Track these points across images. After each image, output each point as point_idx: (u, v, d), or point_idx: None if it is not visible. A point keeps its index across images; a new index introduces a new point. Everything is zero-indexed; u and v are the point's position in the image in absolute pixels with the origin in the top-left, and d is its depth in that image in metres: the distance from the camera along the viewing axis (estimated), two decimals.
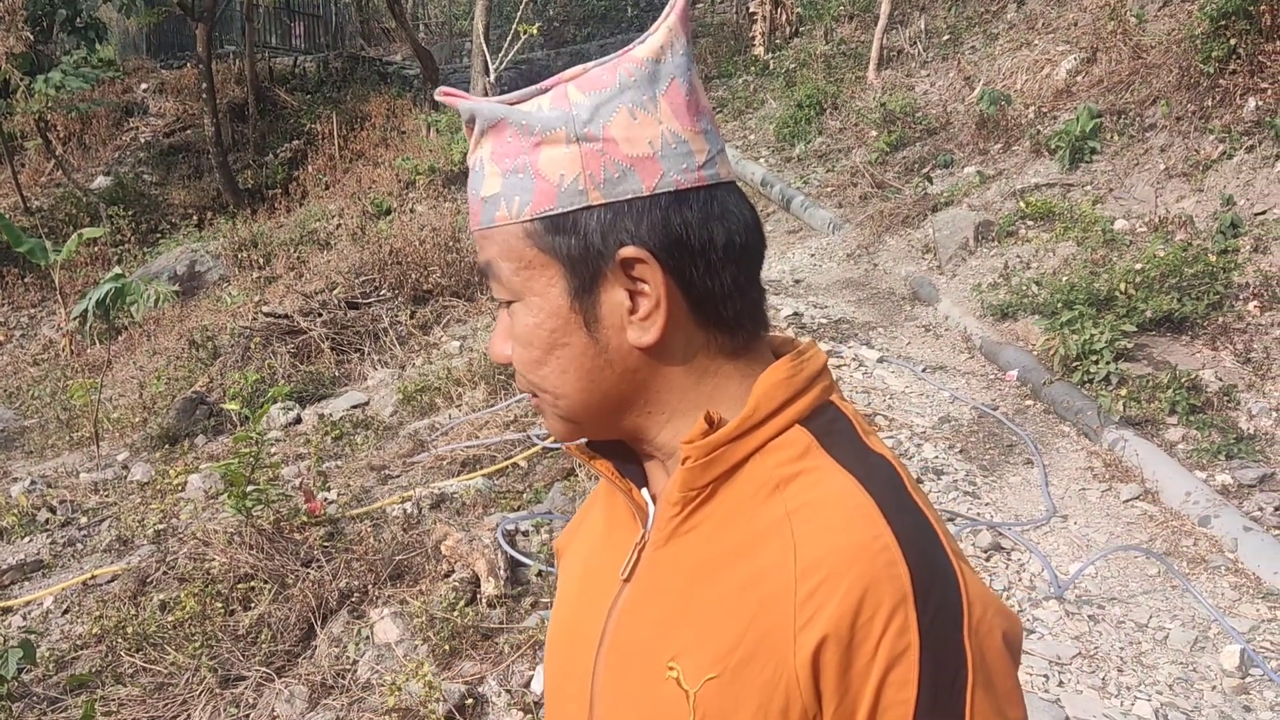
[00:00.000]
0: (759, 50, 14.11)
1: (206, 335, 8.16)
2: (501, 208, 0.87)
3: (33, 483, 6.14)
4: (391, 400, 6.45)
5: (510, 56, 9.78)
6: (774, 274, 8.18)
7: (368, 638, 3.66)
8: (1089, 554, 4.15)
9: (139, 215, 12.81)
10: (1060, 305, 5.83)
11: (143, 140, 15.76)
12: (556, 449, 4.93)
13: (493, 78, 9.90)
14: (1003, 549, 4.18)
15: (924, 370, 5.99)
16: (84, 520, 5.50)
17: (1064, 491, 4.69)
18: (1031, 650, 3.49)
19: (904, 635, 0.76)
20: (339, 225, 10.65)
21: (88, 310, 8.24)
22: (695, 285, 0.86)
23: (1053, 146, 8.05)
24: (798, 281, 7.96)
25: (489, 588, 3.75)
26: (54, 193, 14.01)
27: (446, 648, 3.48)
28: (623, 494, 0.94)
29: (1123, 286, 5.73)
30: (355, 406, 6.56)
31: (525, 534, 4.19)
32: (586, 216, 0.84)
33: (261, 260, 10.34)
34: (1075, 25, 9.58)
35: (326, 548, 4.26)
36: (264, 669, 3.59)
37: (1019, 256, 7.03)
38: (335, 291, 8.06)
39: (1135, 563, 4.12)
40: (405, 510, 4.57)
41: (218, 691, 3.52)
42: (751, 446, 0.86)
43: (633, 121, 0.84)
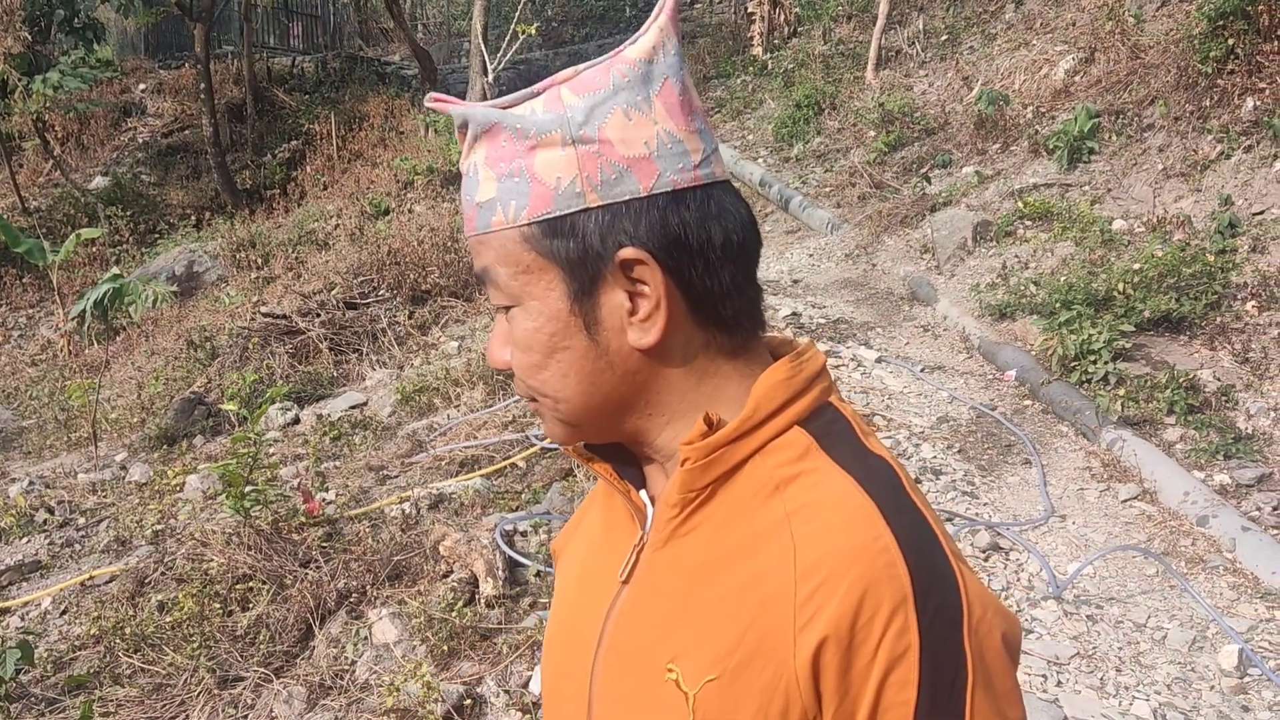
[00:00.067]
0: (757, 50, 14.11)
1: (204, 336, 8.15)
2: (498, 212, 0.86)
3: (31, 483, 6.14)
4: (390, 400, 6.45)
5: (508, 57, 9.77)
6: (772, 274, 8.18)
7: (366, 638, 3.66)
8: (1087, 554, 4.15)
9: (137, 216, 12.79)
10: (1058, 305, 5.84)
11: (141, 140, 15.74)
12: (555, 449, 4.93)
13: (491, 78, 9.89)
14: (1001, 549, 4.18)
15: (922, 370, 6.00)
16: (82, 521, 5.50)
17: (1062, 491, 4.69)
18: (1030, 650, 3.49)
19: (904, 636, 0.76)
20: (337, 225, 10.64)
21: (86, 311, 8.24)
22: (694, 285, 0.86)
23: (1051, 146, 8.05)
24: (796, 281, 7.96)
25: (487, 588, 3.75)
26: (52, 193, 13.99)
27: (445, 648, 3.48)
28: (621, 496, 0.94)
29: (1121, 286, 5.73)
30: (353, 407, 6.56)
31: (524, 534, 4.19)
32: (584, 219, 0.84)
33: (260, 260, 10.33)
34: (1073, 25, 9.58)
35: (325, 548, 4.26)
36: (262, 669, 3.59)
37: (1017, 256, 7.04)
38: (333, 292, 8.05)
39: (1133, 563, 4.12)
40: (403, 511, 4.57)
41: (216, 692, 3.52)
42: (751, 448, 0.86)
43: (628, 122, 0.84)
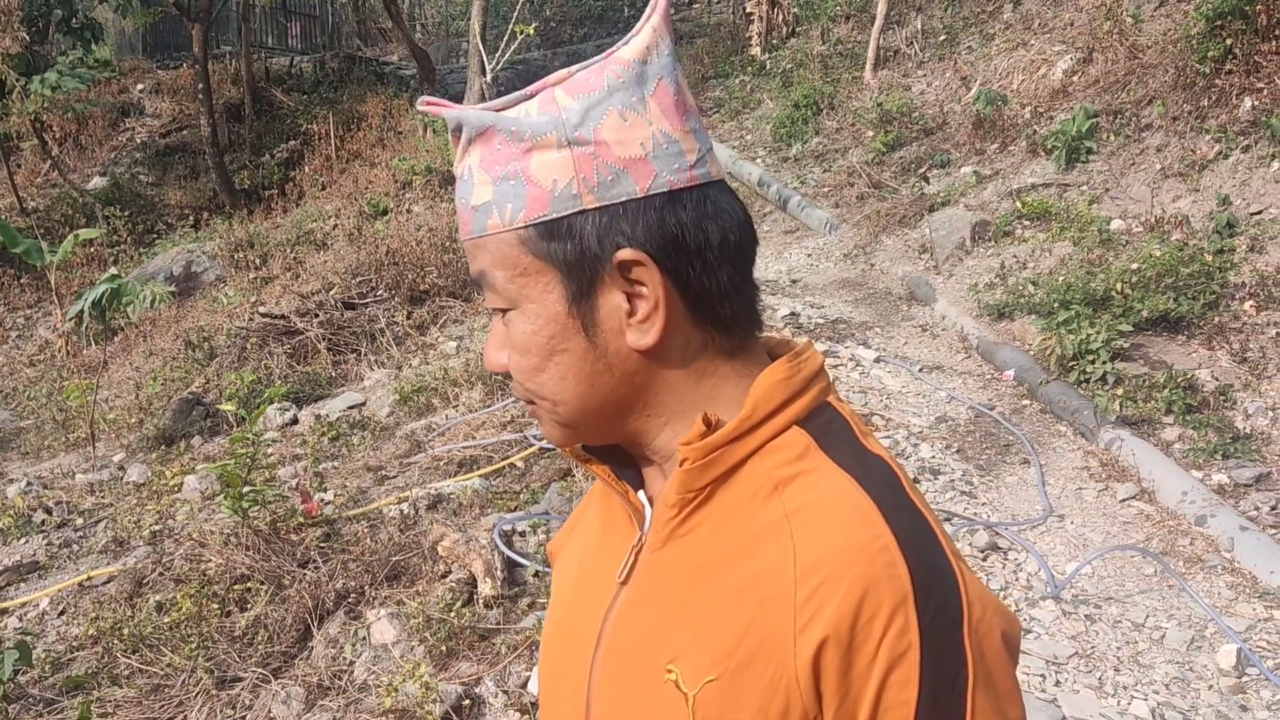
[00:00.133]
0: (756, 50, 14.11)
1: (203, 336, 8.14)
2: (493, 215, 0.86)
3: (29, 484, 6.13)
4: (388, 401, 6.44)
5: (507, 57, 9.77)
6: (771, 274, 8.18)
7: (364, 639, 3.66)
8: (1086, 553, 4.15)
9: (135, 216, 12.77)
10: (1057, 305, 5.84)
11: (139, 141, 15.73)
12: (553, 450, 4.93)
13: (489, 78, 9.89)
14: (999, 549, 4.18)
15: (921, 370, 6.00)
16: (80, 521, 5.49)
17: (1060, 491, 4.70)
18: (1028, 650, 3.49)
19: (904, 636, 0.76)
20: (335, 225, 10.63)
21: (84, 311, 8.24)
22: (692, 285, 0.86)
23: (1049, 146, 8.05)
24: (795, 281, 7.96)
25: (486, 588, 3.74)
26: (50, 193, 13.97)
27: (443, 648, 3.47)
28: (619, 497, 0.94)
29: (1119, 286, 5.73)
30: (352, 407, 6.55)
31: (522, 534, 4.19)
32: (581, 221, 0.84)
33: (258, 261, 10.32)
34: (1071, 25, 9.59)
35: (323, 548, 4.26)
36: (260, 670, 3.58)
37: (1015, 256, 7.04)
38: (332, 292, 8.05)
39: (1132, 562, 4.12)
40: (402, 511, 4.57)
41: (214, 693, 3.52)
42: (750, 448, 0.86)
43: (623, 123, 0.84)
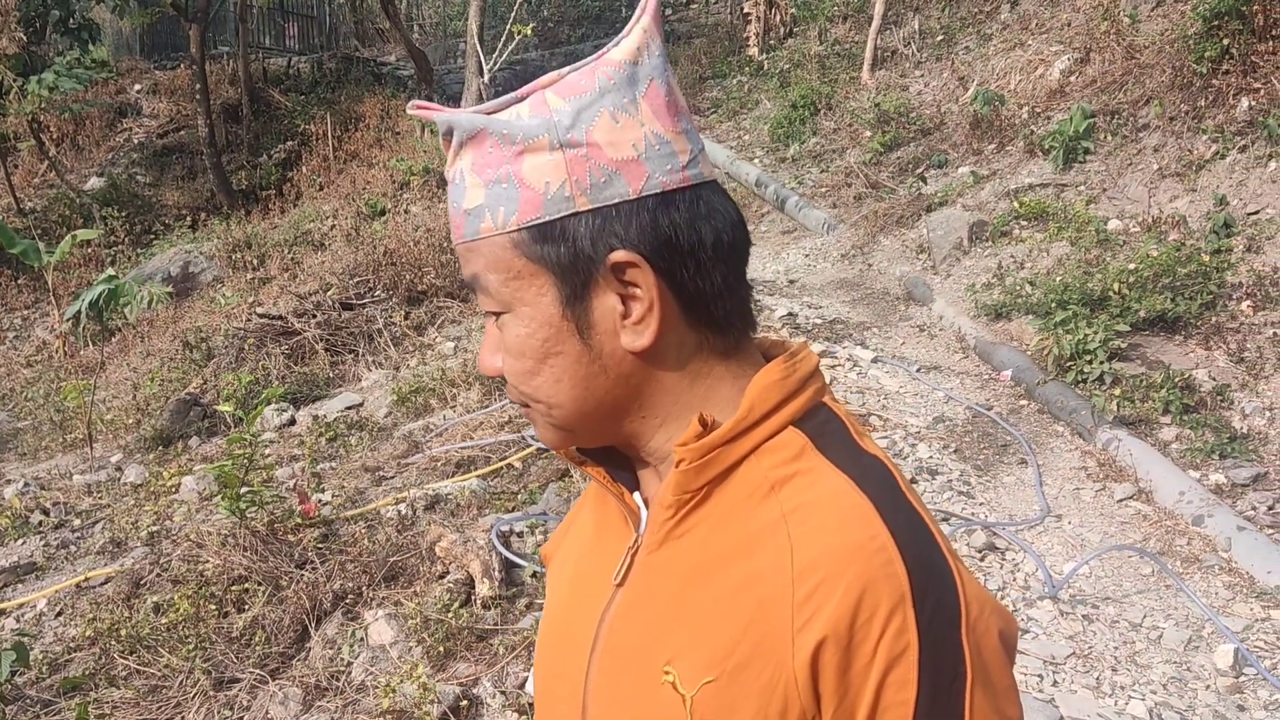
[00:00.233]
0: (753, 51, 14.12)
1: (200, 337, 8.13)
2: (486, 219, 0.86)
3: (26, 485, 6.12)
4: (386, 401, 6.44)
5: (504, 57, 9.76)
6: (769, 274, 8.18)
7: (362, 639, 3.66)
8: (1083, 554, 4.15)
9: (132, 216, 12.76)
10: (1054, 305, 5.84)
11: (136, 141, 15.72)
12: (550, 450, 4.93)
13: (487, 78, 9.88)
14: (997, 549, 4.18)
15: (918, 370, 6.00)
16: (77, 522, 5.48)
17: (1058, 491, 4.70)
18: (1026, 650, 3.49)
19: (903, 635, 0.76)
20: (333, 226, 10.62)
21: (81, 312, 8.22)
22: (686, 286, 0.86)
23: (1046, 146, 8.06)
24: (792, 282, 7.96)
25: (483, 589, 3.74)
26: (47, 194, 13.96)
27: (441, 649, 3.47)
28: (615, 498, 0.94)
29: (1116, 286, 5.74)
30: (350, 408, 6.55)
31: (520, 535, 4.19)
32: (574, 223, 0.84)
33: (255, 261, 10.32)
34: (1069, 25, 9.60)
35: (321, 549, 4.25)
36: (258, 671, 3.58)
37: (1013, 256, 7.05)
38: (329, 292, 8.04)
39: (1129, 562, 4.13)
40: (400, 512, 4.56)
41: (212, 694, 3.51)
42: (746, 448, 0.86)
43: (615, 125, 0.84)
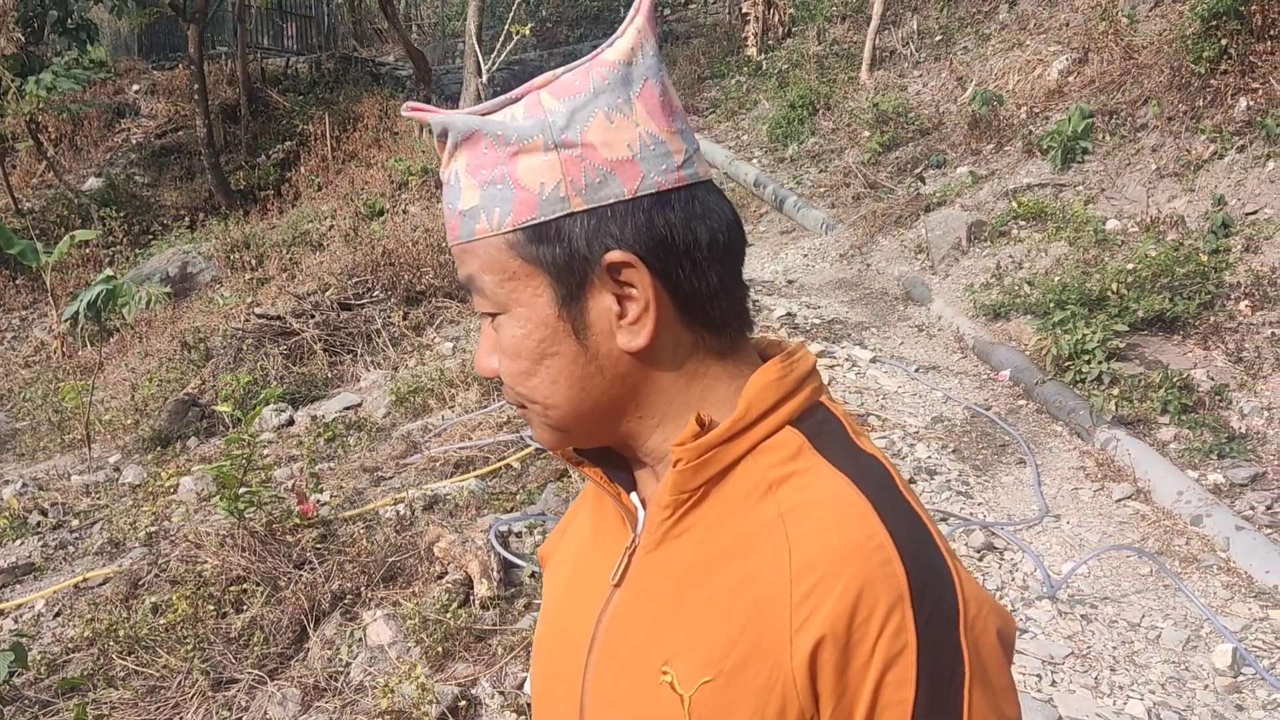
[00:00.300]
0: (752, 51, 14.12)
1: (199, 337, 8.13)
2: (481, 220, 0.86)
3: (24, 485, 6.12)
4: (384, 402, 6.44)
5: (503, 57, 9.76)
6: (767, 274, 8.19)
7: (360, 640, 3.66)
8: (1081, 553, 4.16)
9: (131, 217, 12.75)
10: (1052, 305, 5.85)
11: (134, 141, 15.71)
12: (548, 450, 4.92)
13: (485, 79, 9.89)
14: (996, 549, 4.18)
15: (917, 370, 6.00)
16: (75, 523, 5.48)
17: (1056, 491, 4.70)
18: (1024, 650, 3.49)
19: (901, 634, 0.76)
20: (331, 226, 10.62)
21: (79, 312, 8.22)
22: (682, 286, 0.85)
23: (1045, 146, 8.06)
24: (791, 282, 7.96)
25: (482, 589, 3.74)
26: (45, 194, 13.95)
27: (439, 649, 3.47)
28: (612, 499, 0.94)
29: (1114, 286, 5.74)
30: (348, 408, 6.55)
31: (518, 535, 4.19)
32: (570, 223, 0.84)
33: (254, 262, 10.31)
34: (1067, 26, 9.60)
35: (319, 549, 4.25)
36: (256, 671, 3.58)
37: (1011, 256, 7.05)
38: (328, 293, 8.03)
39: (1128, 562, 4.13)
40: (398, 512, 4.56)
41: (210, 694, 3.51)
42: (743, 448, 0.86)
43: (610, 125, 0.84)
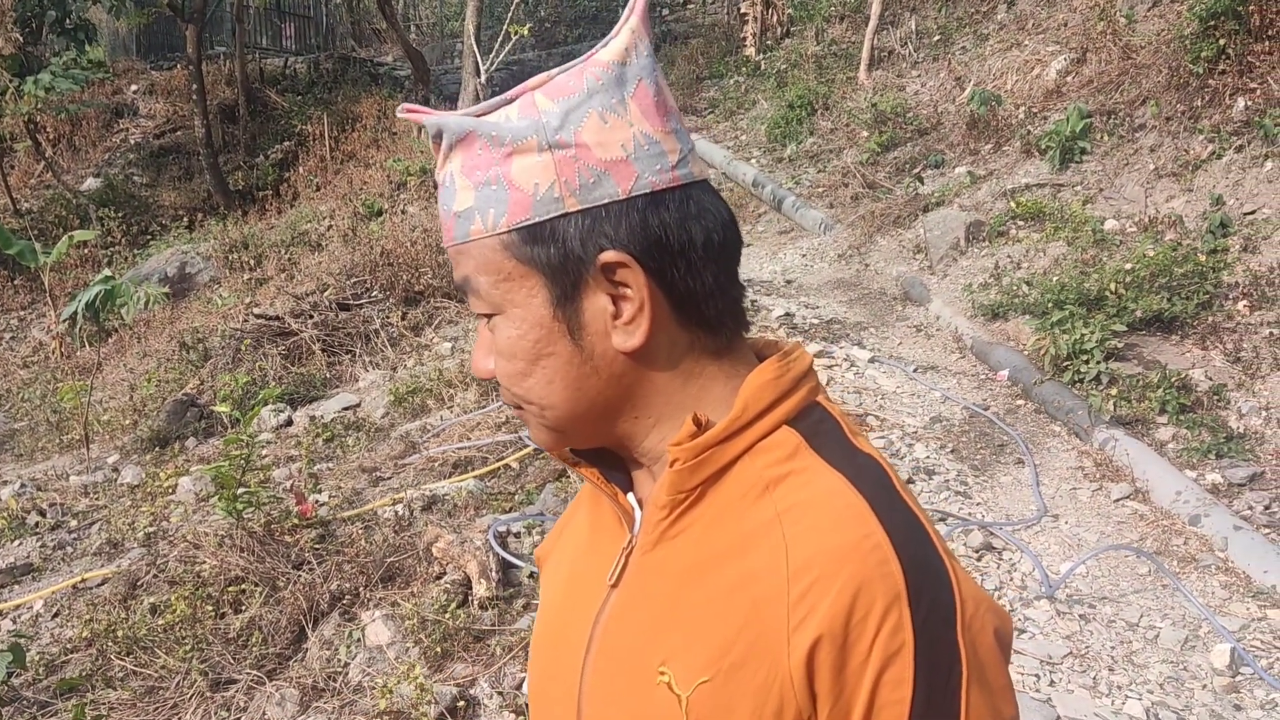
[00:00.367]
0: (750, 51, 14.13)
1: (197, 337, 8.12)
2: (476, 221, 0.86)
3: (22, 486, 6.11)
4: (383, 402, 6.44)
5: (501, 57, 9.76)
6: (765, 274, 8.19)
7: (359, 640, 3.65)
8: (1080, 553, 4.16)
9: (129, 217, 12.75)
10: (1051, 305, 5.85)
11: (133, 142, 15.70)
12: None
13: (484, 79, 9.88)
14: (994, 549, 4.18)
15: (915, 370, 6.00)
16: (74, 523, 5.48)
17: (1055, 491, 4.70)
18: (1023, 650, 3.49)
19: (898, 634, 0.76)
20: (330, 226, 10.62)
21: (77, 312, 8.20)
22: (677, 286, 0.85)
23: (1043, 147, 8.07)
24: (789, 282, 7.96)
25: (480, 590, 3.74)
26: (43, 194, 13.95)
27: (438, 650, 3.47)
28: (608, 499, 0.94)
29: (1113, 286, 5.74)
30: (346, 408, 6.54)
31: (517, 535, 4.18)
32: (564, 224, 0.84)
33: (252, 262, 10.31)
34: (1065, 26, 9.61)
35: (318, 550, 4.25)
36: (255, 672, 3.58)
37: (1009, 256, 7.05)
38: (326, 293, 8.03)
39: (1126, 562, 4.13)
40: (397, 512, 4.56)
41: (208, 695, 3.51)
42: (740, 448, 0.86)
43: (604, 125, 0.84)
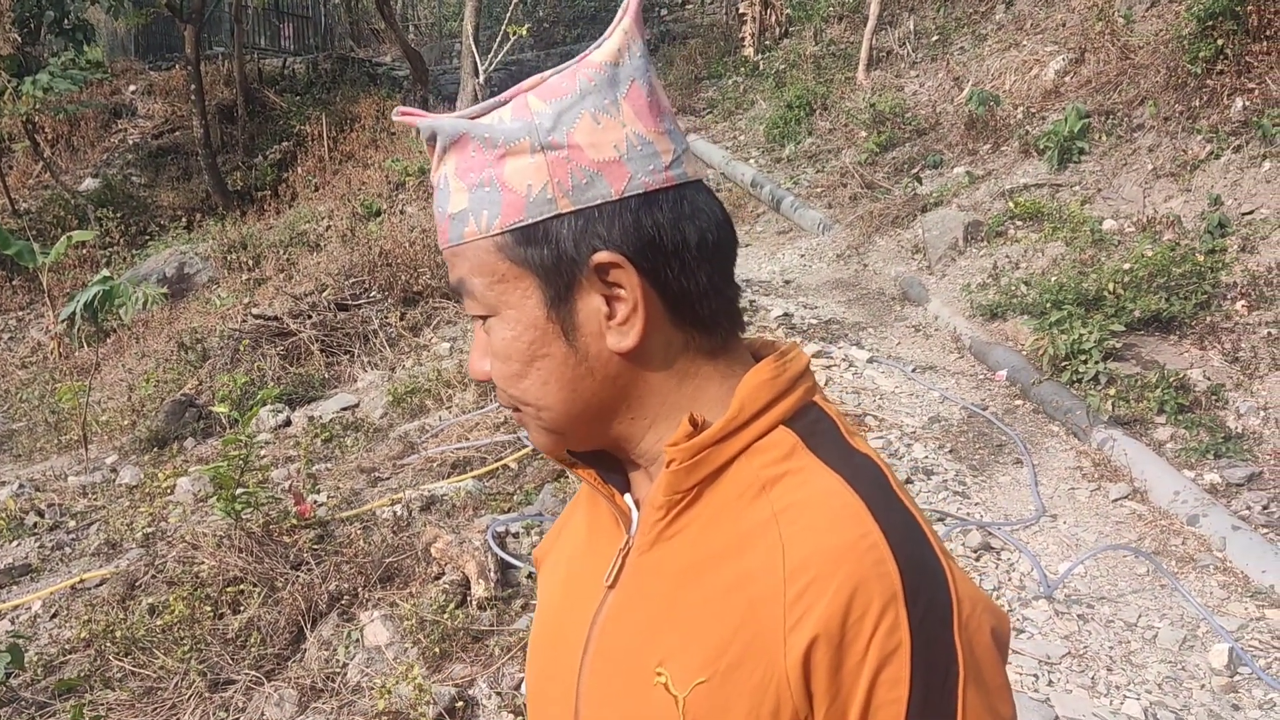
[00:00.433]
0: (749, 51, 14.13)
1: (195, 338, 8.12)
2: (470, 223, 0.86)
3: (21, 486, 6.11)
4: (381, 402, 6.43)
5: (500, 58, 9.76)
6: (764, 274, 8.19)
7: (357, 640, 3.65)
8: (1078, 553, 4.16)
9: (127, 217, 12.74)
10: (1049, 305, 5.85)
11: (131, 142, 15.69)
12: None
13: (482, 79, 9.87)
14: (992, 549, 4.19)
15: (914, 370, 6.00)
16: (72, 524, 5.47)
17: (1053, 491, 4.70)
18: (1021, 650, 3.50)
19: (895, 634, 0.76)
20: (328, 227, 10.61)
21: (76, 313, 8.21)
22: (671, 286, 0.85)
23: (1041, 147, 8.07)
24: (788, 282, 7.96)
25: (479, 590, 3.74)
26: (42, 195, 13.94)
27: (436, 650, 3.47)
28: (606, 500, 0.94)
29: (1111, 286, 5.75)
30: (345, 409, 6.54)
31: (515, 536, 4.18)
32: (557, 225, 0.84)
33: (251, 262, 10.30)
34: (1063, 26, 9.61)
35: (316, 550, 4.25)
36: (253, 672, 3.58)
37: (1008, 257, 7.05)
38: (325, 293, 8.02)
39: (1124, 562, 4.13)
40: (395, 512, 4.56)
41: (207, 695, 3.51)
42: (736, 448, 0.86)
43: (596, 126, 0.84)
